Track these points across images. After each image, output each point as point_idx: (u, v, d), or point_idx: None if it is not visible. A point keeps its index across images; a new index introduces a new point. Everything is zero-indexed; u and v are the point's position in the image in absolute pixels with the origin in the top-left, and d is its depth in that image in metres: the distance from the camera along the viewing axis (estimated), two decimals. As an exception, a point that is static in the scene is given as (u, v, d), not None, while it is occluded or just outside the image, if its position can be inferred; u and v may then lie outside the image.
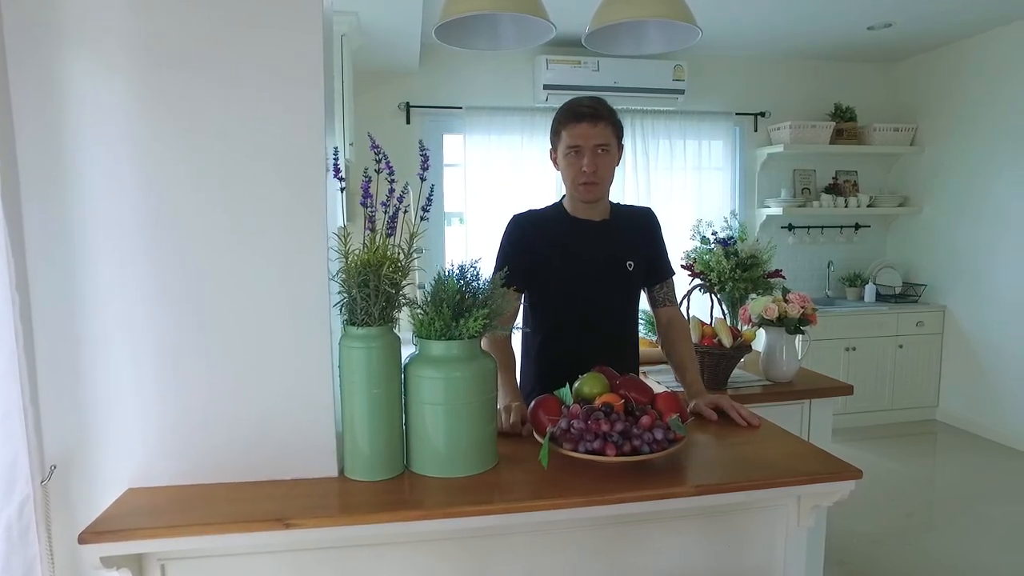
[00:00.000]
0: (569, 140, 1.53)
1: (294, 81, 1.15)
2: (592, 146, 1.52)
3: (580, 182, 1.55)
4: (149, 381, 1.15)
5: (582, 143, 1.52)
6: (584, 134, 1.51)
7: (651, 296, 1.78)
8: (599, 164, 1.53)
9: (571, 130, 1.52)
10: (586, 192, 1.57)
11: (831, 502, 1.23)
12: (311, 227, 1.17)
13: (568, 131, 1.53)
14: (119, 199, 1.12)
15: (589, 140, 1.51)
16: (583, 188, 1.56)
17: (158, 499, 1.11)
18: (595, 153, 1.52)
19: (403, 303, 1.21)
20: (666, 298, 1.76)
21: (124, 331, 1.13)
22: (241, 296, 1.16)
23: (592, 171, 1.53)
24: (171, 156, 1.12)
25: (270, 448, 1.19)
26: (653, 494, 1.13)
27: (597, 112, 1.52)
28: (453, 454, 1.20)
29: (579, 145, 1.52)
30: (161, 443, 1.16)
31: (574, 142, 1.52)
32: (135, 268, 1.13)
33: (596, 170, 1.53)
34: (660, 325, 1.76)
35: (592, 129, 1.51)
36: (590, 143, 1.51)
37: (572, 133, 1.52)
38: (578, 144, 1.52)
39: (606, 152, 1.54)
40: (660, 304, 1.76)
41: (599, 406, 1.23)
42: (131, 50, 1.10)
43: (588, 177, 1.53)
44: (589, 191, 1.57)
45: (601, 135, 1.52)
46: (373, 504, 1.11)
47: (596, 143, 1.52)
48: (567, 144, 1.54)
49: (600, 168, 1.54)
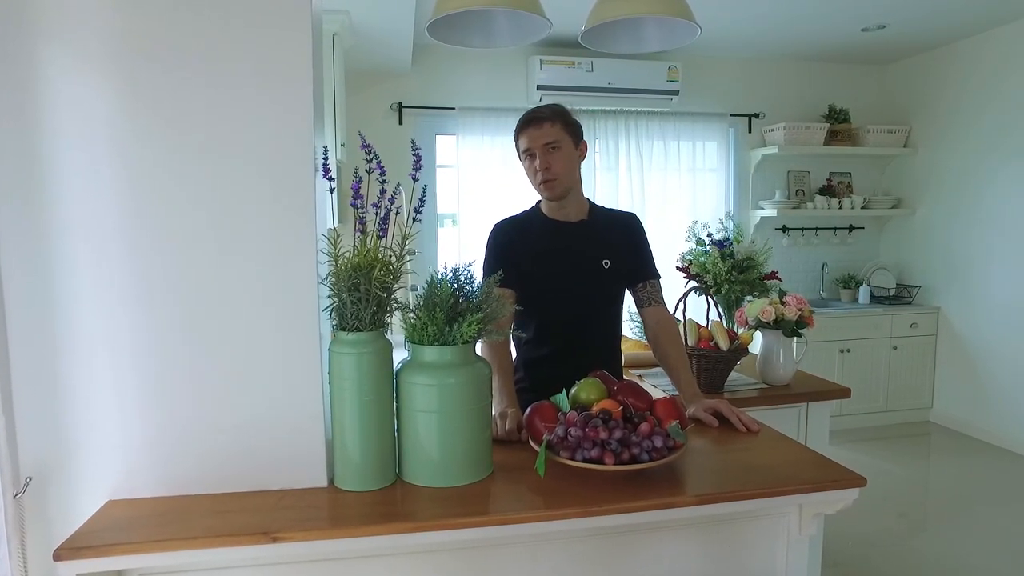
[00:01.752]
0: (522, 146, 1.64)
1: (282, 78, 1.11)
2: (541, 146, 1.60)
3: (539, 181, 1.63)
4: (130, 389, 1.11)
5: (531, 145, 1.61)
6: (531, 136, 1.61)
7: (636, 297, 1.77)
8: (551, 161, 1.60)
9: (522, 136, 1.63)
10: (547, 189, 1.64)
11: (834, 510, 1.20)
12: (299, 229, 1.13)
13: (521, 138, 1.64)
14: (98, 200, 1.07)
15: (537, 141, 1.60)
16: (544, 187, 1.64)
17: (139, 512, 1.07)
18: (545, 151, 1.60)
19: (395, 307, 1.17)
20: (651, 298, 1.74)
21: (104, 337, 1.09)
22: (226, 300, 1.12)
23: (545, 168, 1.60)
24: (152, 155, 1.08)
25: (257, 458, 1.15)
26: (653, 504, 1.09)
27: (540, 115, 1.61)
28: (447, 463, 1.16)
29: (529, 148, 1.62)
30: (143, 453, 1.12)
31: (525, 146, 1.63)
32: (115, 272, 1.09)
33: (549, 167, 1.60)
34: (647, 327, 1.74)
35: (537, 131, 1.60)
36: (538, 143, 1.60)
37: (523, 139, 1.63)
38: (528, 147, 1.62)
39: (556, 149, 1.61)
40: (645, 304, 1.74)
41: (597, 413, 1.19)
42: (110, 44, 1.06)
43: (543, 175, 1.61)
44: (549, 188, 1.64)
45: (548, 134, 1.60)
46: (364, 516, 1.07)
47: (544, 142, 1.60)
48: (522, 150, 1.65)
49: (553, 164, 1.60)
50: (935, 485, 3.47)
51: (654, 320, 1.73)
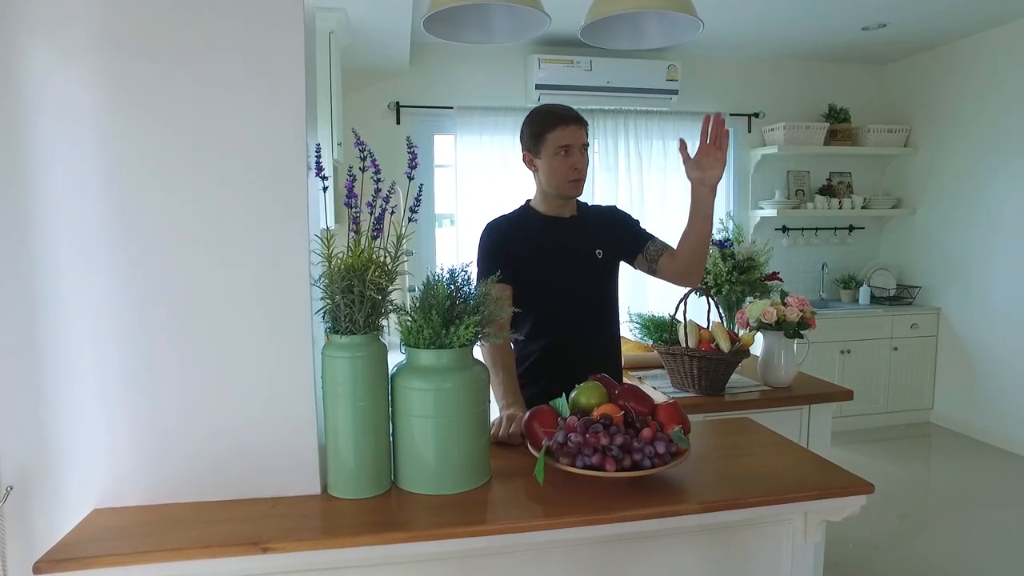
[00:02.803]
0: (559, 140, 1.61)
1: (274, 74, 1.08)
2: (580, 145, 1.63)
3: (571, 179, 1.64)
4: (116, 394, 1.07)
5: (572, 143, 1.62)
6: (574, 135, 1.62)
7: (646, 261, 1.72)
8: (584, 163, 1.66)
9: (560, 131, 1.61)
10: (575, 188, 1.66)
11: (841, 518, 1.17)
12: (292, 229, 1.10)
13: (556, 133, 1.61)
14: (83, 198, 1.04)
15: (578, 140, 1.63)
16: (572, 185, 1.65)
17: (125, 521, 1.04)
18: (582, 153, 1.65)
19: (390, 309, 1.14)
20: (661, 248, 1.71)
21: (88, 341, 1.06)
22: (216, 302, 1.09)
23: (583, 168, 1.65)
24: (140, 153, 1.05)
25: (248, 465, 1.11)
26: (655, 512, 1.06)
27: (580, 116, 1.65)
28: (443, 470, 1.13)
29: (569, 144, 1.62)
30: (129, 460, 1.08)
31: (564, 142, 1.61)
32: (100, 272, 1.05)
33: (582, 167, 1.65)
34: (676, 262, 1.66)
35: (580, 131, 1.63)
36: (579, 143, 1.63)
37: (562, 134, 1.61)
38: (568, 144, 1.61)
39: (585, 152, 1.67)
40: (659, 255, 1.70)
41: (597, 418, 1.16)
42: (97, 39, 1.02)
43: (578, 174, 1.64)
44: (577, 188, 1.67)
45: (585, 136, 1.65)
46: (358, 525, 1.04)
47: (583, 143, 1.64)
48: (556, 144, 1.62)
49: (584, 167, 1.66)
50: (936, 486, 3.45)
51: (672, 251, 1.68)
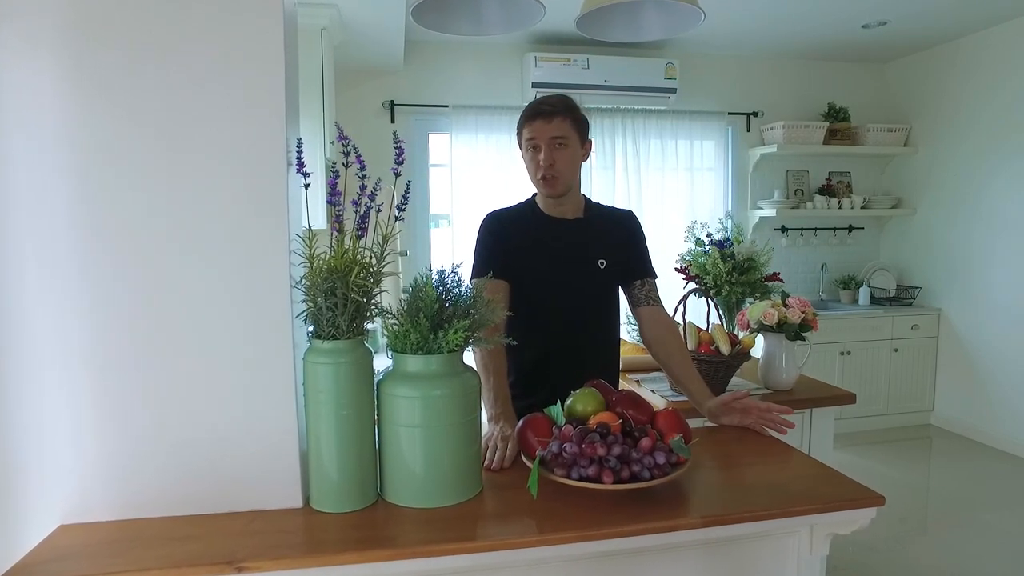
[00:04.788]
0: (527, 136, 1.55)
1: (251, 65, 1.02)
2: (548, 139, 1.52)
3: (539, 176, 1.55)
4: (84, 403, 1.01)
5: (537, 136, 1.53)
6: (539, 129, 1.53)
7: (630, 296, 1.69)
8: (556, 158, 1.53)
9: (528, 126, 1.55)
10: (545, 186, 1.57)
11: (850, 531, 1.12)
12: (271, 228, 1.04)
13: (526, 128, 1.55)
14: (48, 195, 0.98)
15: (544, 134, 1.52)
16: (543, 183, 1.56)
17: (93, 538, 0.98)
18: (551, 147, 1.53)
19: (375, 313, 1.08)
20: (648, 297, 1.66)
21: (54, 346, 1.00)
22: (189, 305, 1.03)
23: (548, 164, 1.53)
24: (107, 147, 0.99)
25: (224, 477, 1.05)
26: (655, 527, 1.01)
27: (553, 107, 1.53)
28: (432, 482, 1.07)
29: (534, 138, 1.54)
30: (98, 473, 1.02)
31: (530, 136, 1.54)
32: (66, 274, 0.99)
33: (553, 163, 1.53)
34: (644, 327, 1.66)
35: (547, 124, 1.52)
36: (545, 136, 1.53)
37: (529, 129, 1.55)
38: (533, 138, 1.54)
39: (563, 146, 1.54)
40: (642, 303, 1.66)
41: (594, 427, 1.11)
42: (63, 27, 0.97)
43: (545, 171, 1.53)
44: (548, 185, 1.56)
45: (557, 129, 1.52)
46: (341, 542, 0.98)
47: (551, 136, 1.52)
48: (525, 140, 1.56)
49: (557, 161, 1.53)
50: (936, 489, 3.41)
51: (652, 320, 1.64)
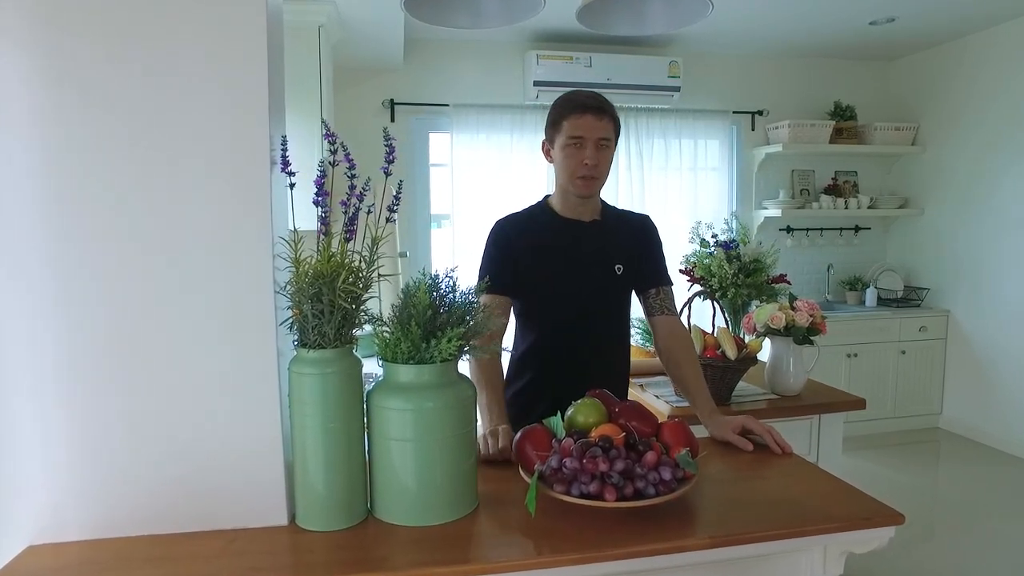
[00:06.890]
0: (571, 131, 1.45)
1: (233, 58, 0.97)
2: (595, 139, 1.45)
3: (579, 175, 1.47)
4: (55, 416, 0.96)
5: (585, 134, 1.44)
6: (589, 125, 1.44)
7: (646, 304, 1.62)
8: (600, 158, 1.46)
9: (574, 121, 1.44)
10: (584, 186, 1.49)
11: (866, 550, 1.06)
12: (253, 230, 0.98)
13: (570, 122, 1.45)
14: (15, 196, 0.93)
15: (593, 132, 1.44)
16: (581, 182, 1.47)
17: (63, 560, 0.92)
18: (597, 146, 1.45)
19: (364, 320, 1.03)
20: (663, 306, 1.59)
21: (22, 356, 0.94)
22: (167, 312, 0.97)
23: (594, 164, 1.45)
24: (78, 144, 0.93)
25: (204, 493, 1.00)
26: (660, 547, 0.95)
27: (601, 105, 1.46)
28: (424, 498, 1.01)
29: (582, 136, 1.44)
30: (70, 489, 0.97)
31: (576, 133, 1.44)
32: (35, 280, 0.94)
33: (597, 164, 1.46)
34: (658, 337, 1.60)
35: (597, 121, 1.44)
36: (594, 135, 1.44)
37: (575, 124, 1.44)
38: (581, 135, 1.44)
39: (606, 147, 1.47)
40: (657, 312, 1.60)
41: (596, 440, 1.05)
42: (32, 18, 0.91)
43: (589, 171, 1.46)
44: (587, 185, 1.48)
45: (604, 128, 1.45)
46: (328, 563, 0.93)
47: (599, 136, 1.45)
48: (568, 135, 1.45)
49: (601, 162, 1.47)
50: (944, 493, 3.36)
51: (667, 332, 1.58)
